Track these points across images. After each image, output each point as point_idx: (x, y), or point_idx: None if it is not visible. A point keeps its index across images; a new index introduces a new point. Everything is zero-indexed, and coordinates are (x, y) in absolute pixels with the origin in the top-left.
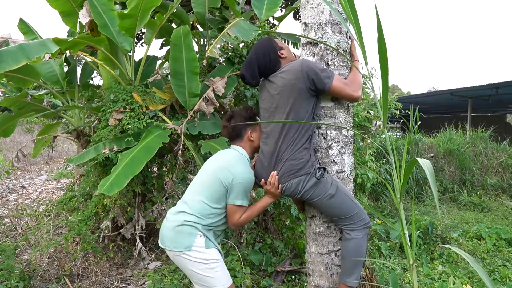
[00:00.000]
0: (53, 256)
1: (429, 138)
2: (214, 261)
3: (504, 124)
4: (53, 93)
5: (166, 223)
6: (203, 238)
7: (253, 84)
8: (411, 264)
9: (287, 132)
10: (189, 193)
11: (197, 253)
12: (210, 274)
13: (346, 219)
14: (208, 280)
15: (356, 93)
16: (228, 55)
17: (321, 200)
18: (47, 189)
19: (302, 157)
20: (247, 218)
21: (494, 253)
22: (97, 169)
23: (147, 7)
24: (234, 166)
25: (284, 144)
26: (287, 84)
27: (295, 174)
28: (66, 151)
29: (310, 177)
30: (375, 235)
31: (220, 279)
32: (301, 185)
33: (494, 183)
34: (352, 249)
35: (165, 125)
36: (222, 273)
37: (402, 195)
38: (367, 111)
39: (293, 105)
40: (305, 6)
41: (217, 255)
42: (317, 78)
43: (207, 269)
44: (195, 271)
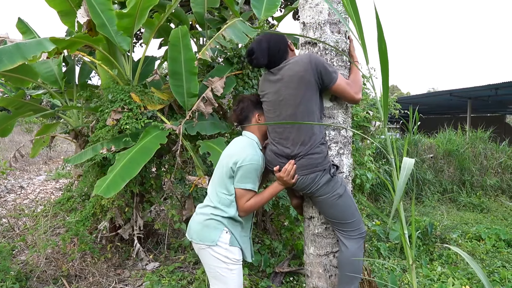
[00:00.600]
0: (50, 257)
1: (428, 139)
2: (235, 261)
3: (503, 124)
4: (51, 93)
5: (195, 216)
6: (229, 235)
7: (259, 63)
8: (411, 264)
9: (300, 126)
10: (210, 187)
11: (220, 249)
12: (226, 274)
13: (344, 224)
14: (223, 279)
15: (357, 95)
16: (227, 55)
17: (328, 198)
18: (46, 189)
19: (320, 152)
20: (256, 203)
21: (493, 254)
22: (95, 169)
23: (145, 6)
24: (242, 150)
25: (302, 138)
26: (294, 76)
27: (313, 169)
28: (65, 151)
29: (325, 173)
30: (374, 236)
31: (234, 281)
32: (316, 180)
33: (494, 183)
34: (348, 261)
35: (163, 125)
36: (238, 276)
37: (402, 195)
38: (366, 112)
39: (303, 97)
40: (304, 6)
41: (238, 255)
42: (326, 72)
43: (225, 268)
44: (214, 267)
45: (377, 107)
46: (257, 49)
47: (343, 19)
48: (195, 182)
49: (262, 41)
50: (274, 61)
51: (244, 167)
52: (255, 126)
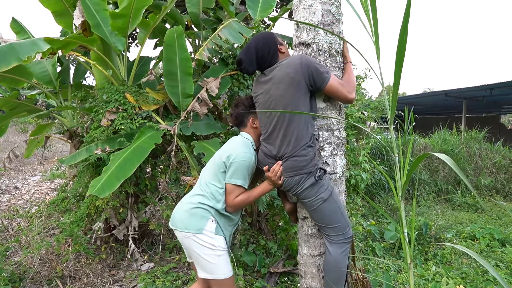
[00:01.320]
0: (44, 258)
1: (423, 139)
2: (221, 248)
3: (498, 125)
4: (46, 93)
5: (180, 205)
6: (215, 224)
7: (249, 71)
8: (409, 263)
9: (287, 127)
10: (201, 179)
11: (206, 237)
12: (215, 260)
13: (329, 228)
14: (212, 266)
15: (351, 95)
16: (222, 55)
17: (312, 202)
18: (41, 190)
19: (306, 155)
20: (243, 200)
21: (487, 254)
22: (89, 170)
23: (139, 6)
24: (236, 147)
25: (287, 139)
26: (285, 77)
27: (298, 171)
28: (60, 151)
29: (310, 177)
30: (369, 235)
31: (223, 267)
32: (300, 183)
33: (488, 183)
34: (332, 266)
35: (158, 125)
36: (226, 262)
37: (404, 193)
38: (361, 112)
39: (292, 98)
40: (298, 7)
41: (223, 244)
42: (317, 73)
43: (213, 255)
44: (201, 255)
45: (372, 107)
46: (245, 59)
47: (337, 20)
48: (190, 183)
49: (250, 48)
50: (264, 64)
51: (236, 163)
52: (250, 129)
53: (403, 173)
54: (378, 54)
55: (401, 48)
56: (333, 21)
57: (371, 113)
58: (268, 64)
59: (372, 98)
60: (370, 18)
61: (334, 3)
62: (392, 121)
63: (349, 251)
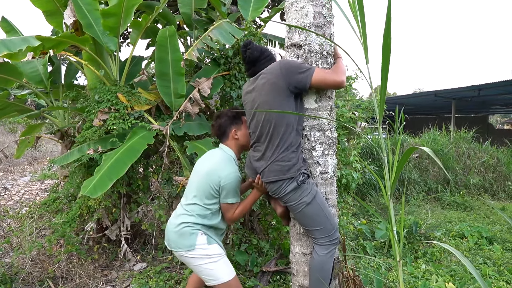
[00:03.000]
0: (36, 259)
1: (413, 139)
2: (217, 255)
3: (486, 125)
4: (37, 93)
5: (169, 226)
6: (205, 236)
7: (254, 55)
8: (398, 260)
9: (273, 132)
10: (185, 197)
11: (200, 250)
12: (214, 267)
13: (313, 231)
14: (214, 273)
15: (339, 78)
16: (213, 56)
17: (295, 206)
18: (31, 191)
19: (289, 160)
20: (241, 212)
21: (475, 251)
22: (81, 170)
23: (130, 5)
24: (221, 169)
25: (271, 144)
26: (266, 83)
27: (280, 176)
28: (50, 151)
29: (292, 181)
30: (361, 234)
31: (224, 271)
32: (283, 187)
33: (477, 182)
34: (317, 267)
35: (150, 126)
36: (226, 265)
37: (393, 192)
38: (352, 112)
39: (275, 102)
40: (290, 9)
41: (219, 250)
42: (298, 74)
43: (211, 263)
44: (201, 266)
45: (362, 107)
46: (253, 44)
47: (328, 22)
48: (182, 183)
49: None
50: (261, 60)
51: (228, 185)
52: (232, 140)
53: (391, 172)
54: (367, 56)
55: (386, 50)
56: (325, 23)
57: (362, 113)
58: (262, 65)
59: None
60: (359, 21)
61: (326, 6)
62: (380, 122)
63: (335, 253)
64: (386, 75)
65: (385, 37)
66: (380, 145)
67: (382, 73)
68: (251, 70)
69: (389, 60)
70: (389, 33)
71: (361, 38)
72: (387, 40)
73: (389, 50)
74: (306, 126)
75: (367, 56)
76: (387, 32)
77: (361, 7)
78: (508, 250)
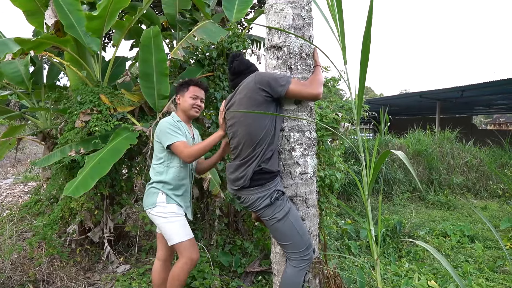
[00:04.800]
0: (16, 262)
1: (398, 139)
2: (173, 214)
3: (470, 125)
4: (18, 94)
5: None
6: (164, 195)
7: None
8: (376, 259)
9: (253, 150)
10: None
11: (159, 208)
12: (168, 227)
13: (285, 245)
14: (169, 233)
15: (315, 90)
16: (198, 57)
17: (267, 220)
18: (13, 193)
19: (266, 178)
20: (199, 149)
21: (458, 250)
22: (63, 172)
23: (116, 8)
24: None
25: (251, 161)
26: (243, 98)
27: (255, 192)
28: (34, 153)
29: (266, 198)
30: (345, 234)
31: (177, 232)
32: (257, 202)
33: (460, 182)
34: (286, 281)
35: (133, 127)
36: (180, 227)
37: (370, 191)
38: (336, 113)
39: (254, 115)
40: (269, 11)
41: (176, 209)
42: (271, 89)
43: (165, 223)
44: (159, 225)
45: (346, 108)
46: (242, 56)
47: (307, 24)
48: None
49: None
50: (243, 75)
51: (159, 132)
52: (177, 105)
53: (369, 173)
54: (345, 58)
55: (365, 51)
56: (304, 25)
57: (346, 114)
58: (245, 75)
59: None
60: (337, 22)
61: (305, 8)
62: (358, 122)
63: (307, 269)
64: (364, 75)
65: (365, 38)
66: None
67: (360, 73)
68: (234, 81)
69: (368, 61)
70: (369, 33)
71: (339, 39)
72: (367, 41)
73: (368, 50)
74: (286, 127)
75: (345, 57)
76: (367, 32)
77: (339, 8)
78: (488, 248)
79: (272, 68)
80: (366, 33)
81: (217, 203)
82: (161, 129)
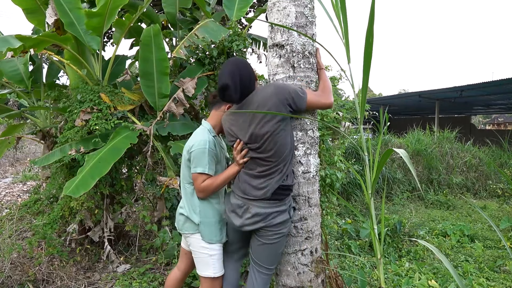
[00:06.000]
0: (16, 262)
1: (398, 139)
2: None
3: (469, 125)
4: (18, 92)
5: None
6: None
7: (233, 99)
8: (379, 258)
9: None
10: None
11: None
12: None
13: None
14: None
15: (328, 100)
16: (198, 56)
17: (272, 235)
18: (12, 192)
19: (285, 194)
20: (211, 184)
21: (457, 249)
22: (63, 171)
23: (115, 6)
24: (193, 138)
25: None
26: (266, 115)
27: (273, 205)
28: (33, 152)
29: (284, 213)
30: (346, 234)
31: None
32: (273, 216)
33: (459, 182)
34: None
35: (133, 126)
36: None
37: (373, 190)
38: (336, 112)
39: (281, 134)
40: (272, 9)
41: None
42: (294, 102)
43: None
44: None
45: (346, 108)
46: (231, 84)
47: (310, 22)
48: (166, 183)
49: (234, 74)
50: (244, 91)
51: (194, 152)
52: (213, 115)
53: (372, 171)
54: (348, 56)
55: (368, 49)
56: (307, 23)
57: (346, 113)
58: (248, 93)
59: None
60: (341, 21)
61: (308, 6)
62: (361, 121)
63: (270, 278)
64: (367, 73)
65: (368, 36)
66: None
67: (364, 71)
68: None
69: (371, 59)
70: (371, 31)
71: (343, 38)
72: (369, 39)
73: (371, 48)
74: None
75: (349, 55)
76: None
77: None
78: (488, 247)
79: (275, 66)
80: (369, 31)
81: None
82: (197, 149)
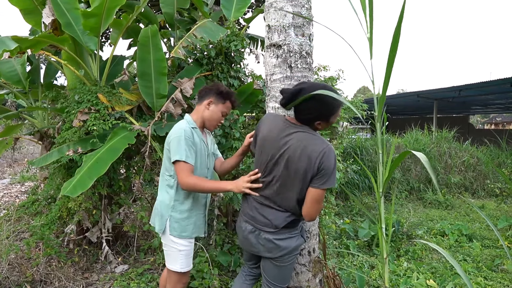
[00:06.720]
0: (13, 262)
1: (396, 139)
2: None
3: (467, 125)
4: (15, 93)
5: None
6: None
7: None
8: (385, 258)
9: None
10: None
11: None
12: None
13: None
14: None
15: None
16: (196, 56)
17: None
18: (10, 193)
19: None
20: (195, 184)
21: (456, 249)
22: (61, 171)
23: (112, 6)
24: (172, 129)
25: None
26: (299, 168)
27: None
28: (31, 153)
29: (299, 237)
30: (344, 234)
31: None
32: (286, 243)
33: (457, 181)
34: None
35: (131, 126)
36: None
37: (384, 189)
38: None
39: (301, 189)
40: (269, 9)
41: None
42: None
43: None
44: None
45: (344, 108)
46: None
47: (307, 22)
48: None
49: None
50: (303, 120)
51: (171, 142)
52: (197, 109)
53: (385, 170)
54: (371, 52)
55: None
56: (304, 23)
57: (344, 113)
58: (307, 121)
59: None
60: (367, 16)
61: (305, 6)
62: (380, 119)
63: None
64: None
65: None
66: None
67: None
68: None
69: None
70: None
71: (368, 32)
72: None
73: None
74: None
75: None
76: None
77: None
78: (486, 247)
79: (272, 66)
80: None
81: (215, 203)
82: (175, 136)
